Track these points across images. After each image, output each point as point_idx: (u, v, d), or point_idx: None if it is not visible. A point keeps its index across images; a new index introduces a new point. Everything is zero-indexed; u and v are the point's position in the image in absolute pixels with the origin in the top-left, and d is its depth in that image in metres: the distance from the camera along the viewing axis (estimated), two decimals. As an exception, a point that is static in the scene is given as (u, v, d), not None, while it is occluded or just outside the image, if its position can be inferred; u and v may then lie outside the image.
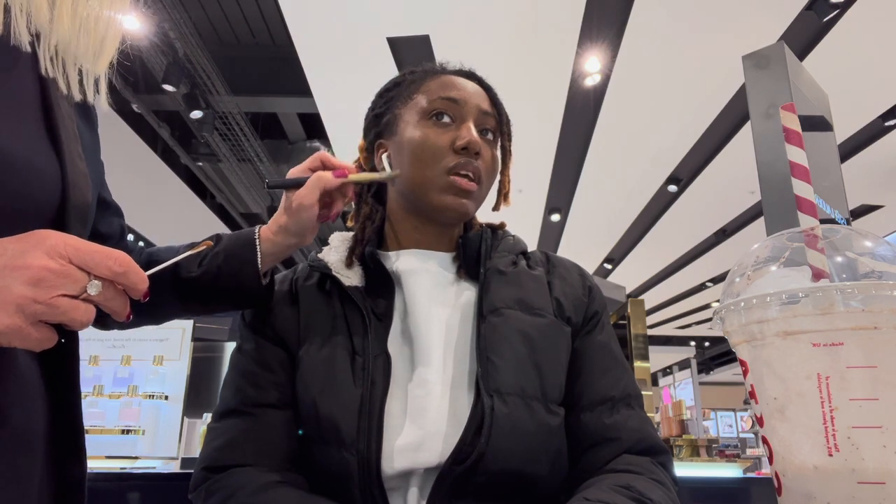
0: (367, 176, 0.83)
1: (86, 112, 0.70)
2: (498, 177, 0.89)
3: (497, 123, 0.86)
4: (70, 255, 0.49)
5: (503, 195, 0.91)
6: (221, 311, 0.84)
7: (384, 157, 0.86)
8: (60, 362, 0.62)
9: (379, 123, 0.88)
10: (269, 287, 0.82)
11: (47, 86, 0.62)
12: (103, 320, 0.82)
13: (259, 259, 0.78)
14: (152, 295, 0.77)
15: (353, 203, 0.93)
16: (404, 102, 0.85)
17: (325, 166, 0.82)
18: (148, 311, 0.81)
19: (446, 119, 0.82)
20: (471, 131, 0.81)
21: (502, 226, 0.93)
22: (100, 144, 0.75)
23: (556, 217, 7.53)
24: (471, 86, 0.85)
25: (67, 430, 0.63)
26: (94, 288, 0.50)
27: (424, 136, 0.81)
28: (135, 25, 4.77)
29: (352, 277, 0.82)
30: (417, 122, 0.82)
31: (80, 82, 0.61)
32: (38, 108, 0.61)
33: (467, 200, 0.81)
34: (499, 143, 0.88)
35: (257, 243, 0.79)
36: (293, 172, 0.82)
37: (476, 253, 0.85)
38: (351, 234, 0.90)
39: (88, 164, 0.65)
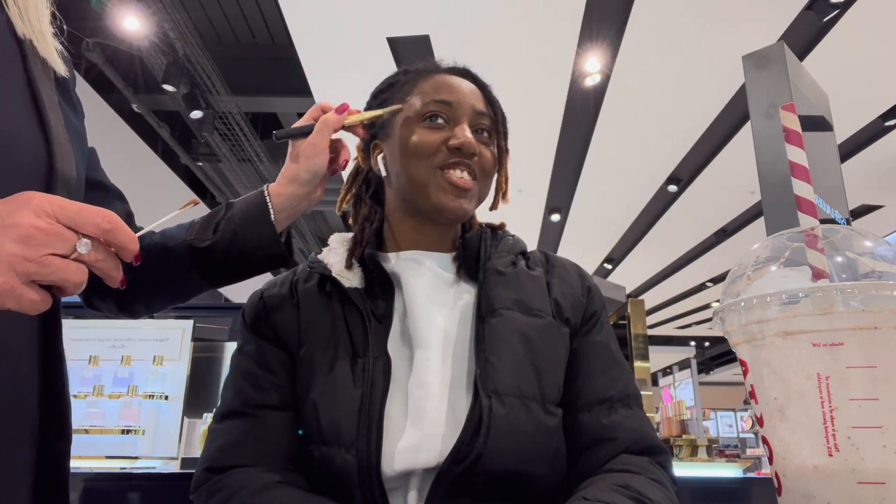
0: (368, 114, 0.84)
1: (67, 92, 0.71)
2: (496, 176, 0.89)
3: (492, 122, 0.86)
4: (57, 214, 0.48)
5: (501, 194, 0.91)
6: (246, 278, 0.83)
7: (380, 158, 0.86)
8: (45, 332, 0.62)
9: (374, 125, 0.88)
10: (289, 246, 0.82)
11: (28, 60, 0.62)
12: (129, 307, 0.82)
13: (273, 215, 0.77)
14: (170, 272, 0.76)
15: (351, 204, 0.93)
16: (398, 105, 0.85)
17: (325, 112, 0.82)
18: (171, 289, 0.81)
19: (440, 121, 0.82)
20: (465, 132, 0.80)
21: (502, 226, 0.93)
22: (85, 129, 0.74)
23: (556, 217, 7.53)
24: (465, 85, 0.85)
25: (53, 403, 0.62)
26: (83, 246, 0.49)
27: (419, 138, 0.81)
28: (135, 25, 4.77)
29: (351, 279, 0.82)
30: (411, 125, 0.82)
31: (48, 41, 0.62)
32: (22, 79, 0.61)
33: (465, 200, 0.81)
34: (495, 142, 0.88)
35: (268, 200, 0.78)
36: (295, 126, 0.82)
37: (475, 253, 0.85)
38: (350, 235, 0.90)
39: (71, 140, 0.65)
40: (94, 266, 0.51)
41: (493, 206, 0.91)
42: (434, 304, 0.80)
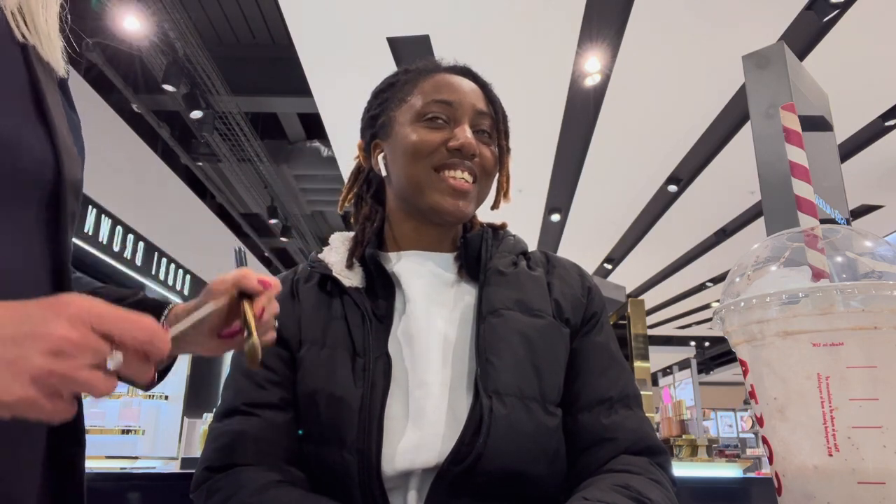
0: (254, 329, 0.61)
1: (66, 91, 0.70)
2: (497, 175, 0.89)
3: (493, 121, 0.86)
4: (93, 323, 0.47)
5: (502, 193, 0.91)
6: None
7: (380, 157, 0.85)
8: None
9: (374, 125, 0.88)
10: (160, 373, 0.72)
11: (32, 63, 0.62)
12: None
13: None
14: None
15: (353, 203, 0.93)
16: (398, 105, 0.85)
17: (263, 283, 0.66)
18: None
19: (441, 121, 0.82)
20: (465, 132, 0.80)
21: (503, 226, 0.93)
22: (81, 126, 0.74)
23: (556, 217, 7.53)
24: (466, 84, 0.85)
25: None
26: (113, 363, 0.48)
27: (419, 138, 0.81)
28: (135, 25, 4.78)
29: (352, 278, 0.82)
30: (411, 125, 0.82)
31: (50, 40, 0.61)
32: (25, 83, 0.61)
33: (463, 202, 0.81)
34: (496, 142, 0.88)
35: (165, 313, 0.70)
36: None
37: (477, 254, 0.85)
38: (351, 234, 0.90)
39: (76, 142, 0.65)
40: (123, 374, 0.49)
41: (495, 206, 0.91)
42: (434, 305, 0.80)
